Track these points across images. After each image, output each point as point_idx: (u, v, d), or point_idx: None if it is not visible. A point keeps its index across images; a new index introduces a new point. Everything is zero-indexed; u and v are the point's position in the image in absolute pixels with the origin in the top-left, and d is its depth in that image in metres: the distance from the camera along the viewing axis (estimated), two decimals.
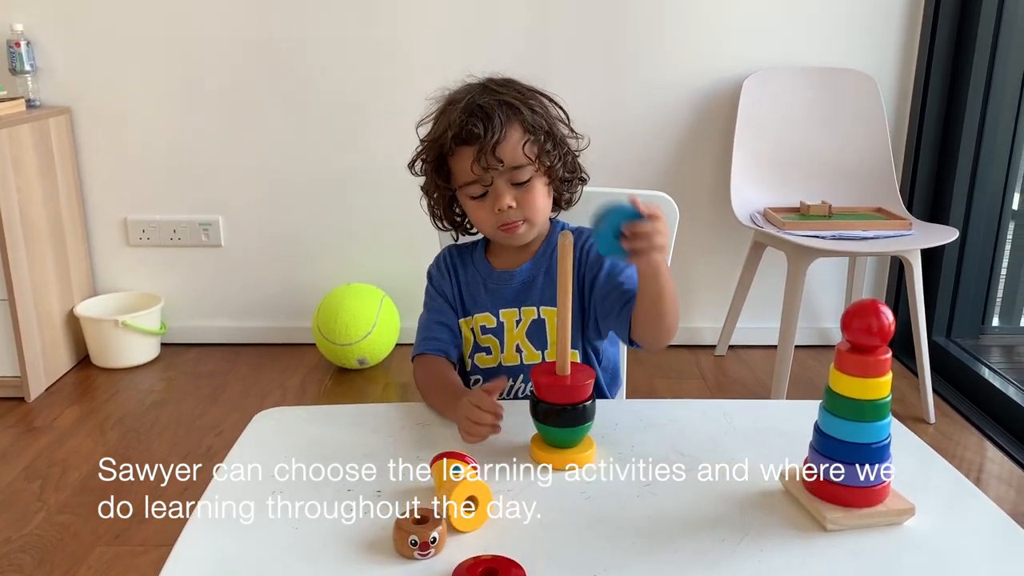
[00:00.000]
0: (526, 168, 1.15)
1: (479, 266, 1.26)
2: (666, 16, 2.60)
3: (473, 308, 1.25)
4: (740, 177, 2.54)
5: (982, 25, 2.49)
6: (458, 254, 1.29)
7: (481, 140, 1.12)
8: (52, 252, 2.55)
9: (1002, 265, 2.73)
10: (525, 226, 1.18)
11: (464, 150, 1.14)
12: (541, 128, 1.16)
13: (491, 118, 1.13)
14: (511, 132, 1.14)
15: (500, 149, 1.13)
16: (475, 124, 1.12)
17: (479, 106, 1.14)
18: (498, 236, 1.20)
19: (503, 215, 1.15)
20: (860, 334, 0.84)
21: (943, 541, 0.84)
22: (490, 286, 1.24)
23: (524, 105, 1.16)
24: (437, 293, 1.28)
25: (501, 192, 1.14)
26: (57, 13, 2.57)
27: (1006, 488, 2.03)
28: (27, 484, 2.00)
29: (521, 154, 1.14)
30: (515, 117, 1.15)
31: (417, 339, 1.27)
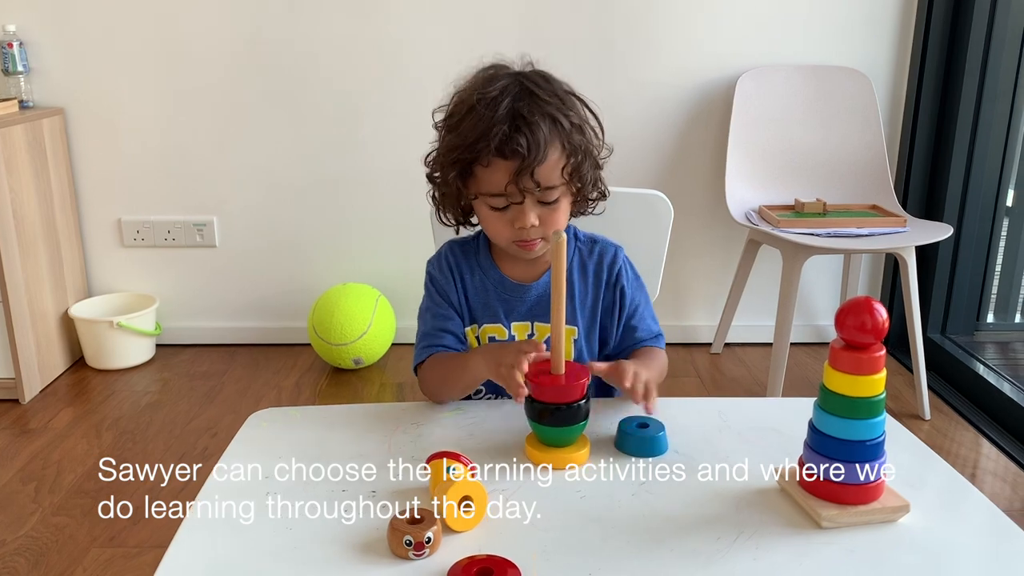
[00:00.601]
0: (557, 190, 1.09)
1: (489, 274, 1.19)
2: (660, 14, 2.60)
3: (482, 317, 1.19)
4: (735, 175, 2.54)
5: (975, 22, 2.49)
6: (462, 254, 1.22)
7: (523, 159, 1.04)
8: (46, 253, 2.54)
9: (996, 262, 2.74)
10: (542, 244, 1.12)
11: (500, 164, 1.06)
12: (580, 149, 1.10)
13: (535, 134, 1.05)
14: (551, 152, 1.07)
15: (539, 171, 1.06)
16: (519, 141, 1.04)
17: (523, 117, 1.06)
18: (511, 249, 1.14)
19: (523, 232, 1.10)
20: (854, 332, 0.84)
21: (938, 538, 0.84)
22: (503, 296, 1.18)
23: (565, 117, 1.09)
24: (441, 298, 1.20)
25: (527, 211, 1.08)
26: (51, 14, 2.57)
27: (1001, 484, 2.04)
28: (22, 486, 2.00)
29: (558, 176, 1.08)
30: (557, 135, 1.07)
31: (419, 347, 1.19)
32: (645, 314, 1.23)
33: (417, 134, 2.82)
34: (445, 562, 0.77)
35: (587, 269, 1.20)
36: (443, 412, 1.10)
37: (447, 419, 1.08)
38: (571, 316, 1.16)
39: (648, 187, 1.33)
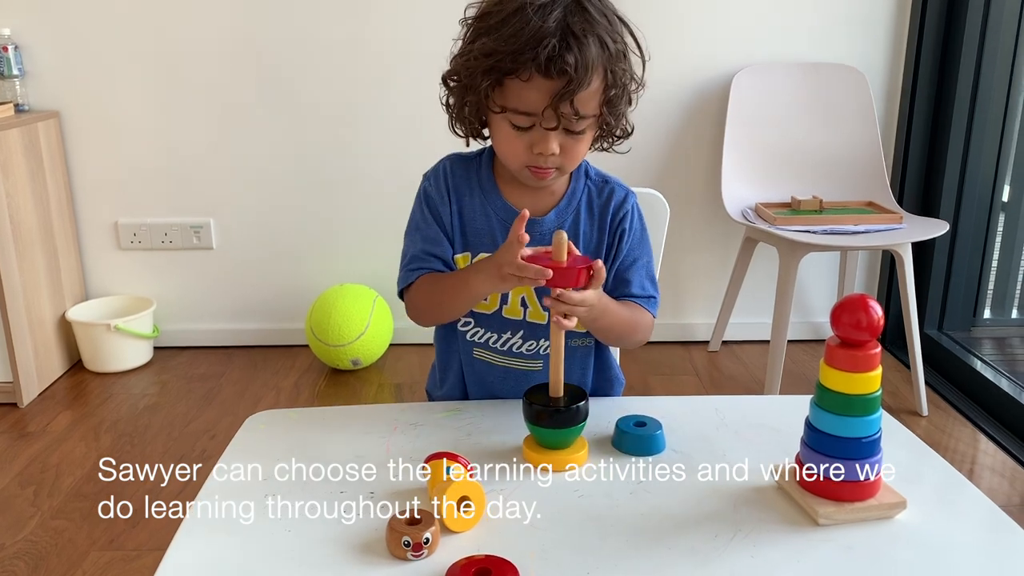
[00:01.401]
0: (588, 119, 1.01)
1: (490, 197, 1.11)
2: (656, 12, 2.60)
3: (477, 245, 1.11)
4: (731, 173, 2.55)
5: (970, 19, 2.50)
6: (463, 171, 1.13)
7: (569, 82, 0.95)
8: (43, 257, 2.54)
9: (993, 257, 2.74)
10: (557, 173, 1.06)
11: (541, 82, 0.96)
12: (620, 80, 1.01)
13: (584, 55, 0.95)
14: (595, 79, 0.98)
15: (578, 98, 0.97)
16: (568, 60, 0.94)
17: (573, 34, 0.95)
18: (523, 174, 1.06)
19: (540, 159, 1.02)
20: (849, 329, 0.84)
21: (935, 534, 0.84)
22: (507, 227, 1.07)
23: (613, 43, 0.99)
24: (433, 218, 1.12)
25: (551, 138, 1.00)
26: (45, 17, 2.56)
27: (999, 479, 2.04)
28: (20, 490, 2.00)
29: (595, 106, 1.01)
30: (602, 61, 0.98)
31: (404, 269, 1.12)
32: (642, 271, 1.15)
33: (414, 136, 2.84)
34: (443, 563, 0.77)
35: (593, 208, 1.13)
36: (441, 413, 1.10)
37: (445, 419, 1.08)
38: None
39: (644, 186, 1.32)
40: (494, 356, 1.17)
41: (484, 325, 1.15)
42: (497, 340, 1.15)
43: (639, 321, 1.13)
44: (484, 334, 1.16)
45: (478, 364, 1.18)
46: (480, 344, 1.16)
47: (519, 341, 1.15)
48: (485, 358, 1.18)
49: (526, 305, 1.12)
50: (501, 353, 1.16)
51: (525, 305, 1.12)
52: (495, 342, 1.15)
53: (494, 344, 1.16)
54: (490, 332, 1.15)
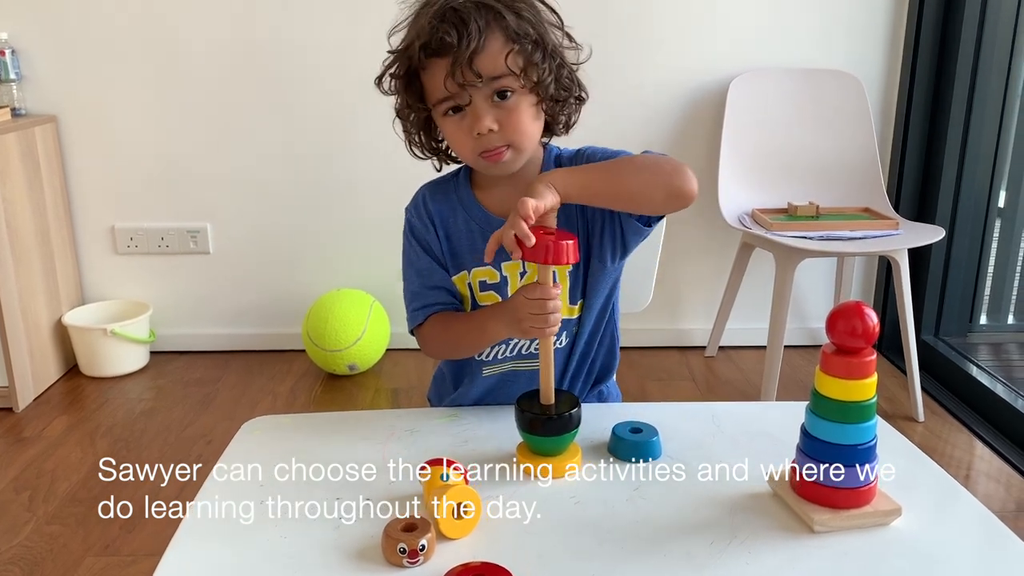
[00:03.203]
0: (509, 81, 1.00)
1: (472, 211, 1.11)
2: (652, 18, 2.61)
3: (470, 261, 1.11)
4: (728, 179, 2.55)
5: (966, 25, 2.50)
6: (442, 194, 1.13)
7: (455, 50, 0.97)
8: (39, 261, 2.54)
9: (989, 263, 2.75)
10: (510, 152, 1.04)
11: (436, 63, 1.00)
12: (528, 36, 1.00)
13: (466, 23, 0.97)
14: (491, 40, 0.99)
15: (478, 60, 0.97)
16: (448, 31, 0.97)
17: (453, 10, 0.98)
18: (480, 164, 1.06)
19: (484, 140, 1.01)
20: (844, 336, 0.84)
21: (930, 541, 0.84)
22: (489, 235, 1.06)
23: (508, 8, 1.00)
24: (423, 250, 1.12)
25: (481, 112, 1.00)
26: (42, 22, 2.57)
27: (995, 485, 2.04)
28: (16, 495, 1.99)
29: (503, 65, 0.99)
30: (496, 22, 0.99)
31: (411, 308, 1.13)
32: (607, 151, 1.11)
33: None
34: (439, 569, 0.77)
35: None
36: (437, 419, 1.10)
37: (441, 425, 1.08)
38: None
39: None
40: (502, 366, 1.17)
41: None
42: (505, 349, 1.15)
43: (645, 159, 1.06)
44: (491, 350, 1.15)
45: (487, 380, 1.18)
46: (489, 362, 1.16)
47: (526, 342, 1.14)
48: (495, 371, 1.18)
49: None
50: (510, 359, 1.16)
51: None
52: (503, 352, 1.15)
53: (502, 355, 1.15)
54: (499, 344, 1.14)
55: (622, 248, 1.12)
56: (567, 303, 1.12)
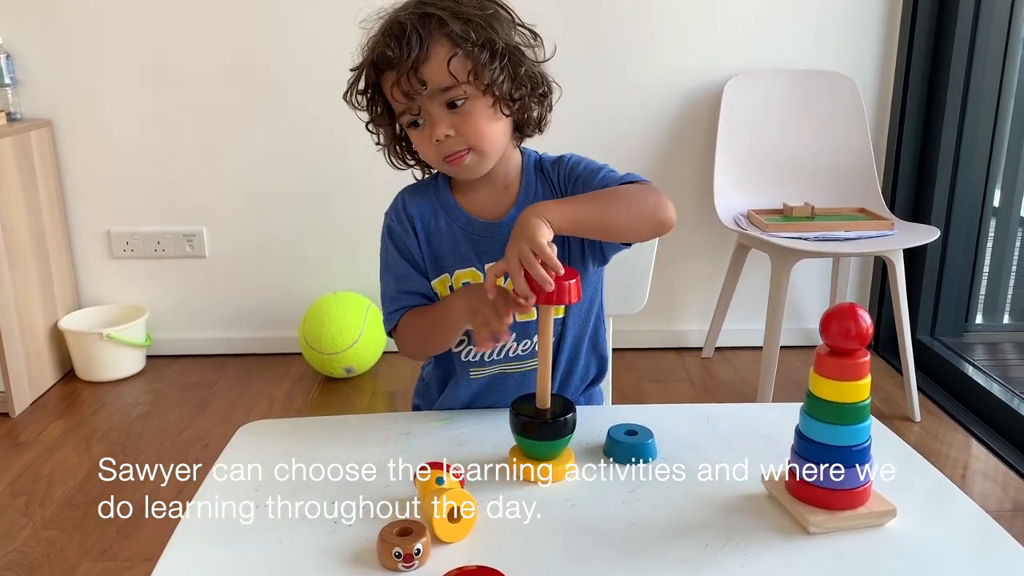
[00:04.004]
0: (457, 88, 1.01)
1: (454, 215, 1.12)
2: (647, 20, 2.61)
3: (451, 264, 1.11)
4: (723, 180, 2.56)
5: (960, 25, 2.51)
6: (421, 197, 1.14)
7: (397, 62, 0.98)
8: (35, 265, 2.53)
9: (984, 263, 2.76)
10: (472, 156, 1.04)
11: (387, 76, 1.01)
12: (472, 40, 1.00)
13: (406, 34, 0.98)
14: (435, 48, 0.99)
15: (423, 69, 0.99)
16: (389, 44, 0.99)
17: (398, 22, 1.00)
18: (446, 169, 1.07)
19: (443, 146, 1.03)
20: (838, 338, 0.84)
21: (925, 542, 0.85)
22: (473, 238, 1.10)
23: (453, 15, 1.00)
24: (401, 256, 1.12)
25: (435, 119, 1.01)
26: (37, 26, 2.56)
27: (991, 485, 2.05)
28: (12, 500, 1.99)
29: (447, 73, 0.99)
30: (440, 30, 0.99)
31: (387, 311, 1.14)
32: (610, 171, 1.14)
33: None
34: (434, 573, 0.77)
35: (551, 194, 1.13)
36: (433, 422, 1.10)
37: (437, 429, 1.08)
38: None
39: None
40: (490, 368, 1.17)
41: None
42: (492, 351, 1.14)
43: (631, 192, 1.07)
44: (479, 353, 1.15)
45: (475, 383, 1.17)
46: (476, 363, 1.16)
47: (512, 344, 1.14)
48: (482, 374, 1.17)
49: None
50: (497, 362, 1.16)
51: None
52: (490, 354, 1.15)
53: (489, 358, 1.15)
54: None
55: (600, 257, 1.14)
56: None
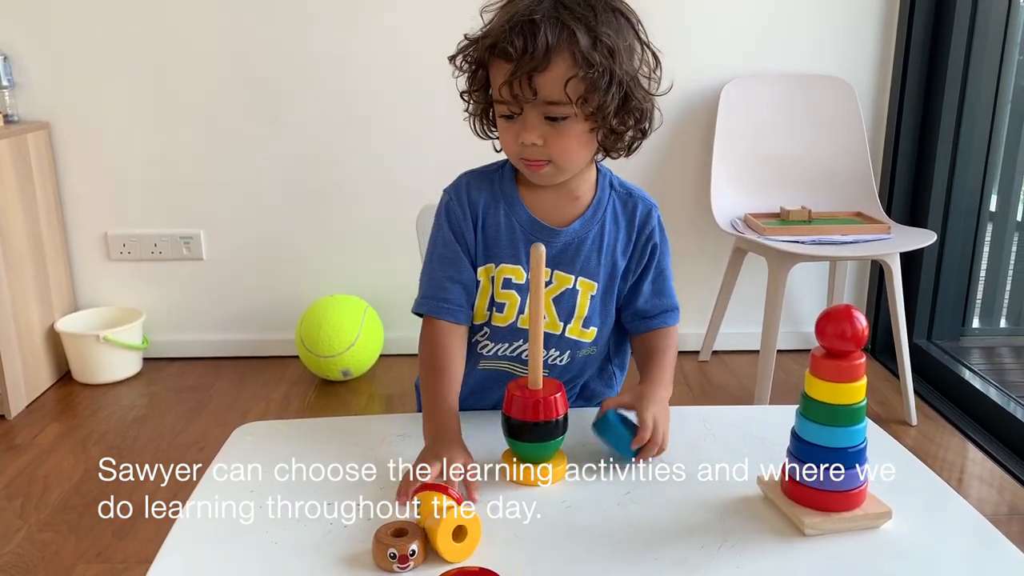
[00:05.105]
0: (564, 107, 0.98)
1: (514, 207, 1.10)
2: (645, 24, 2.61)
3: (501, 256, 1.10)
4: (720, 183, 2.56)
5: (956, 29, 2.52)
6: (485, 184, 1.12)
7: (517, 61, 0.96)
8: (32, 267, 2.53)
9: (981, 267, 2.76)
10: (550, 168, 1.03)
11: (500, 64, 0.99)
12: (599, 65, 0.97)
13: (536, 37, 0.95)
14: (557, 61, 0.96)
15: (538, 79, 0.96)
16: (515, 40, 0.95)
17: (531, 20, 0.96)
18: (520, 167, 1.07)
19: (527, 150, 1.02)
20: (834, 340, 0.85)
21: (920, 544, 0.85)
22: (530, 238, 1.08)
23: (588, 30, 0.97)
24: (455, 238, 1.10)
25: (530, 125, 1.00)
26: (35, 28, 2.56)
27: (988, 489, 2.05)
28: (8, 502, 1.98)
29: (561, 91, 0.97)
30: (568, 43, 0.96)
31: (423, 291, 1.12)
32: (670, 283, 1.18)
33: (403, 148, 2.84)
34: (430, 575, 0.77)
35: (619, 219, 1.13)
36: None
37: None
38: (595, 269, 1.11)
39: None
40: (500, 363, 1.17)
41: (498, 338, 1.14)
42: (508, 348, 1.15)
43: (674, 355, 1.16)
44: (494, 346, 1.15)
45: (480, 374, 1.17)
46: (489, 356, 1.16)
47: (525, 345, 1.13)
48: (491, 367, 1.17)
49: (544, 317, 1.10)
50: (509, 359, 1.16)
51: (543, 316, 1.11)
52: (505, 351, 1.16)
53: (503, 353, 1.16)
54: (502, 343, 1.15)
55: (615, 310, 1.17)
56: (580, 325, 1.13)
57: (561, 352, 1.14)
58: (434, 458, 0.93)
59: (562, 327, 1.12)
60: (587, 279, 1.11)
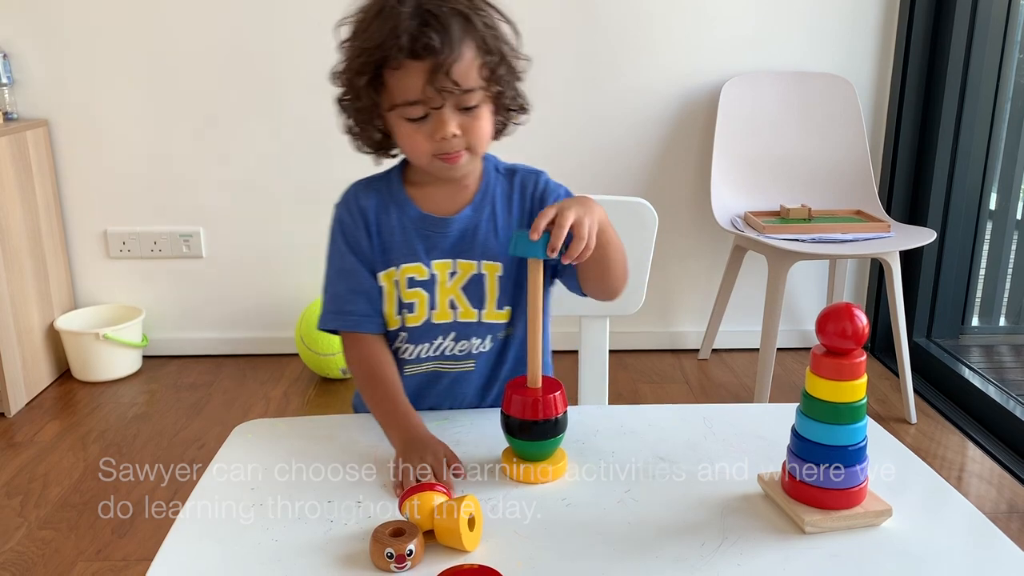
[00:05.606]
0: (477, 93, 1.02)
1: (405, 209, 1.12)
2: (644, 23, 2.61)
3: (400, 257, 1.11)
4: (720, 182, 2.56)
5: (956, 27, 2.52)
6: (373, 191, 1.14)
7: (436, 56, 0.97)
8: (32, 265, 2.53)
9: (980, 265, 2.76)
10: (467, 155, 1.05)
11: (413, 65, 0.98)
12: (496, 49, 1.03)
13: (448, 31, 0.98)
14: (466, 50, 1.00)
15: (455, 69, 0.98)
16: (430, 36, 0.97)
17: (432, 14, 0.98)
18: (434, 166, 1.06)
19: (444, 144, 1.02)
20: (835, 338, 0.84)
21: (920, 541, 0.85)
22: (423, 232, 1.10)
23: (478, 18, 1.01)
24: (350, 249, 1.12)
25: (447, 118, 1.01)
26: (35, 26, 2.56)
27: (987, 487, 2.05)
28: (8, 500, 1.98)
29: (475, 77, 1.01)
30: (469, 33, 1.00)
31: (326, 307, 1.14)
32: None
33: None
34: (427, 574, 0.77)
35: (510, 198, 1.14)
36: (429, 422, 1.09)
37: (433, 429, 1.07)
38: (495, 250, 1.10)
39: (633, 194, 1.33)
40: (426, 365, 1.15)
41: (415, 339, 1.13)
42: (428, 349, 1.14)
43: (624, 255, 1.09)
44: (415, 349, 1.14)
45: (409, 380, 1.15)
46: (413, 360, 1.15)
47: (451, 344, 1.13)
48: (418, 371, 1.16)
49: (455, 307, 1.11)
50: (434, 359, 1.15)
51: (454, 307, 1.11)
52: (426, 352, 1.14)
53: (425, 355, 1.14)
54: (421, 343, 1.13)
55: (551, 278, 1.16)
56: (494, 307, 1.12)
57: (482, 339, 1.13)
58: (418, 458, 0.95)
59: (477, 314, 1.11)
60: (490, 261, 1.11)
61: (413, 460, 0.95)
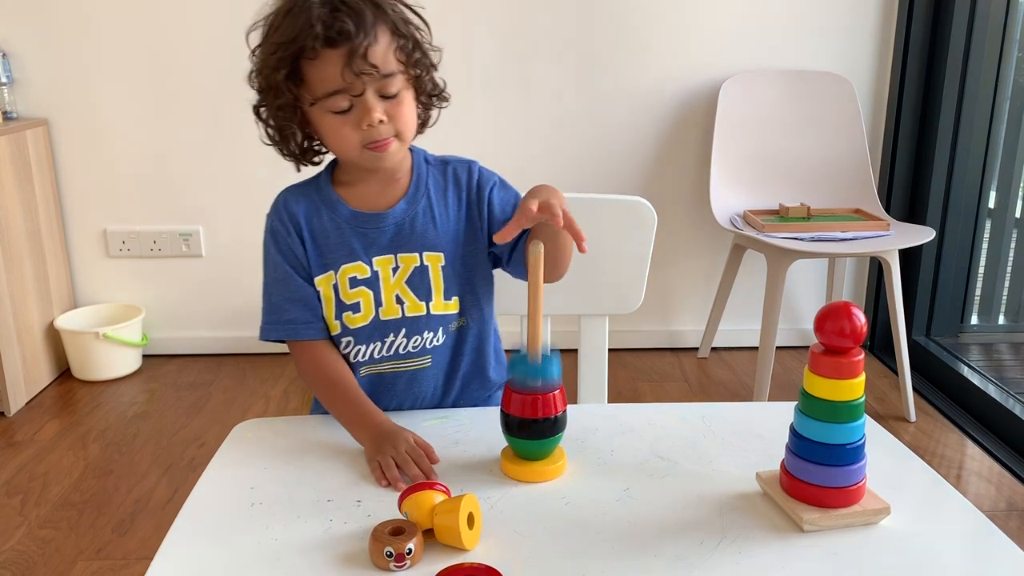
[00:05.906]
0: (397, 77, 1.03)
1: (337, 209, 1.11)
2: (644, 21, 2.61)
3: (338, 259, 1.10)
4: (719, 180, 2.56)
5: (955, 26, 2.52)
6: (303, 196, 1.15)
7: (352, 41, 0.98)
8: (31, 264, 2.53)
9: (979, 264, 2.76)
10: (396, 143, 1.05)
11: (330, 54, 0.99)
12: (409, 34, 1.04)
13: (361, 15, 0.99)
14: (381, 34, 1.01)
15: (372, 53, 0.99)
16: (344, 21, 0.98)
17: (342, 1, 0.99)
18: (364, 157, 1.05)
19: (372, 131, 1.02)
20: (833, 336, 0.85)
21: (919, 540, 0.85)
22: (359, 230, 1.10)
23: (387, 5, 1.03)
24: (283, 258, 1.13)
25: (372, 105, 1.01)
26: (34, 25, 2.56)
27: (986, 485, 2.05)
28: (8, 499, 1.99)
29: (393, 60, 1.02)
30: (381, 18, 1.01)
31: (265, 318, 1.15)
32: None
33: None
34: (426, 573, 0.77)
35: (445, 189, 1.14)
36: (427, 421, 1.10)
37: (432, 427, 1.08)
38: (435, 241, 1.11)
39: (632, 193, 1.33)
40: (380, 366, 1.14)
41: (365, 339, 1.12)
42: (381, 348, 1.13)
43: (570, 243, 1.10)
44: (367, 349, 1.13)
45: (364, 382, 1.14)
46: (365, 362, 1.14)
47: (403, 340, 1.12)
48: (372, 372, 1.15)
49: (402, 301, 1.11)
50: (388, 359, 1.14)
51: (401, 302, 1.11)
52: (379, 351, 1.13)
53: (379, 355, 1.13)
54: (372, 343, 1.12)
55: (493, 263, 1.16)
56: (441, 299, 1.12)
57: (433, 331, 1.12)
58: (391, 449, 0.96)
59: (425, 306, 1.11)
60: (431, 252, 1.10)
61: (387, 453, 0.96)
